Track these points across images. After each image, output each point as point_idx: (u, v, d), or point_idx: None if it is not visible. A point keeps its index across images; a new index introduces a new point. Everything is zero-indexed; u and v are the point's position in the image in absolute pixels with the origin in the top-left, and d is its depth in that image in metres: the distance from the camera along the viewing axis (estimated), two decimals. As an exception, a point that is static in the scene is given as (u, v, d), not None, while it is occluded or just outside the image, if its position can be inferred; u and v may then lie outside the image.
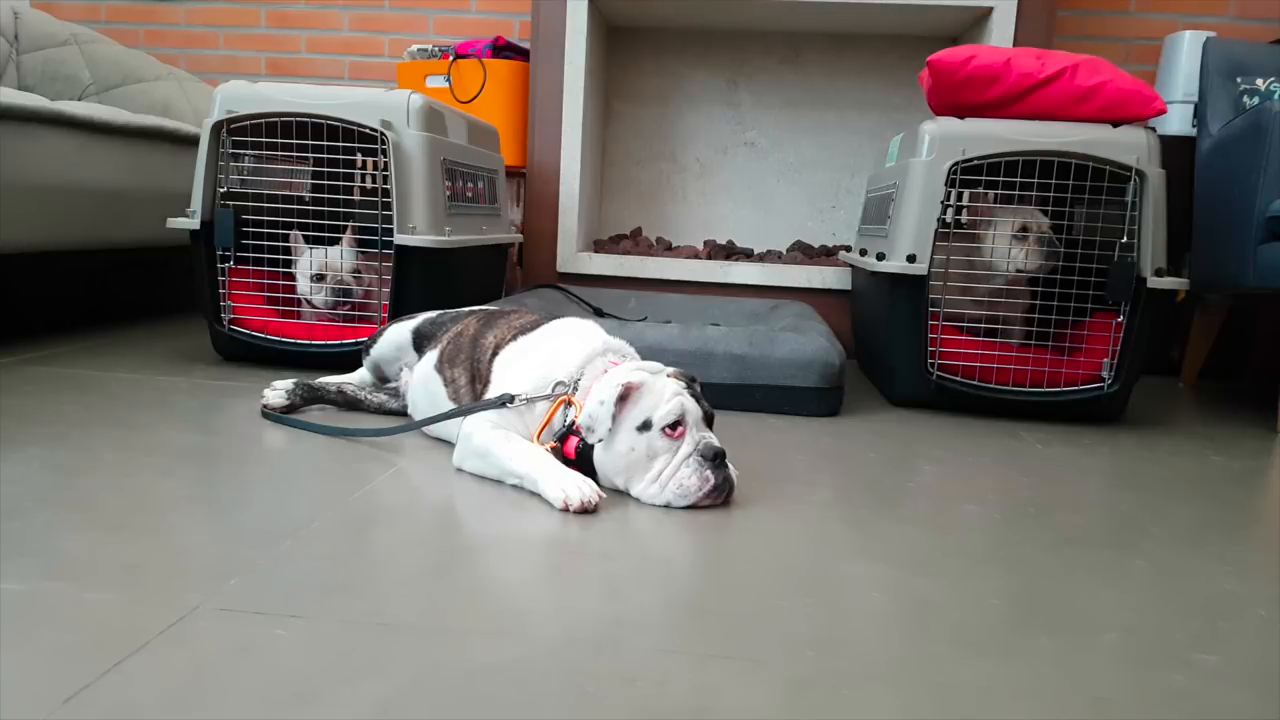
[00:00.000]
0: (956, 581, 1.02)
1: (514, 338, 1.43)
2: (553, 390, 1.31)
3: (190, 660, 0.74)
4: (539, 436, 1.31)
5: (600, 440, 1.25)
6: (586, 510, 1.17)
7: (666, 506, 1.22)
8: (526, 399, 1.31)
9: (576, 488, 1.18)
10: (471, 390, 1.44)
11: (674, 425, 1.23)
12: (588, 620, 0.87)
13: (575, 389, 1.30)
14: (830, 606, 0.93)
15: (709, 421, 1.28)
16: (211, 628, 0.80)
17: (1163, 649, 0.88)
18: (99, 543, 0.98)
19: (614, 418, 1.22)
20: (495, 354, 1.42)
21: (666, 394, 1.24)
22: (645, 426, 1.22)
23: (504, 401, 1.30)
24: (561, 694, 0.73)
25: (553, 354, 1.35)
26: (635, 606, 0.91)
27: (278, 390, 1.62)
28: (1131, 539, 1.21)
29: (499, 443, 1.29)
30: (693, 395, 1.27)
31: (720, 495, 1.23)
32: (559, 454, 1.28)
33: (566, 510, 1.17)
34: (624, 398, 1.23)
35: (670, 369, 1.32)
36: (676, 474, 1.22)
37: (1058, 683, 0.80)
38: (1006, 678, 0.80)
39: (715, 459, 1.22)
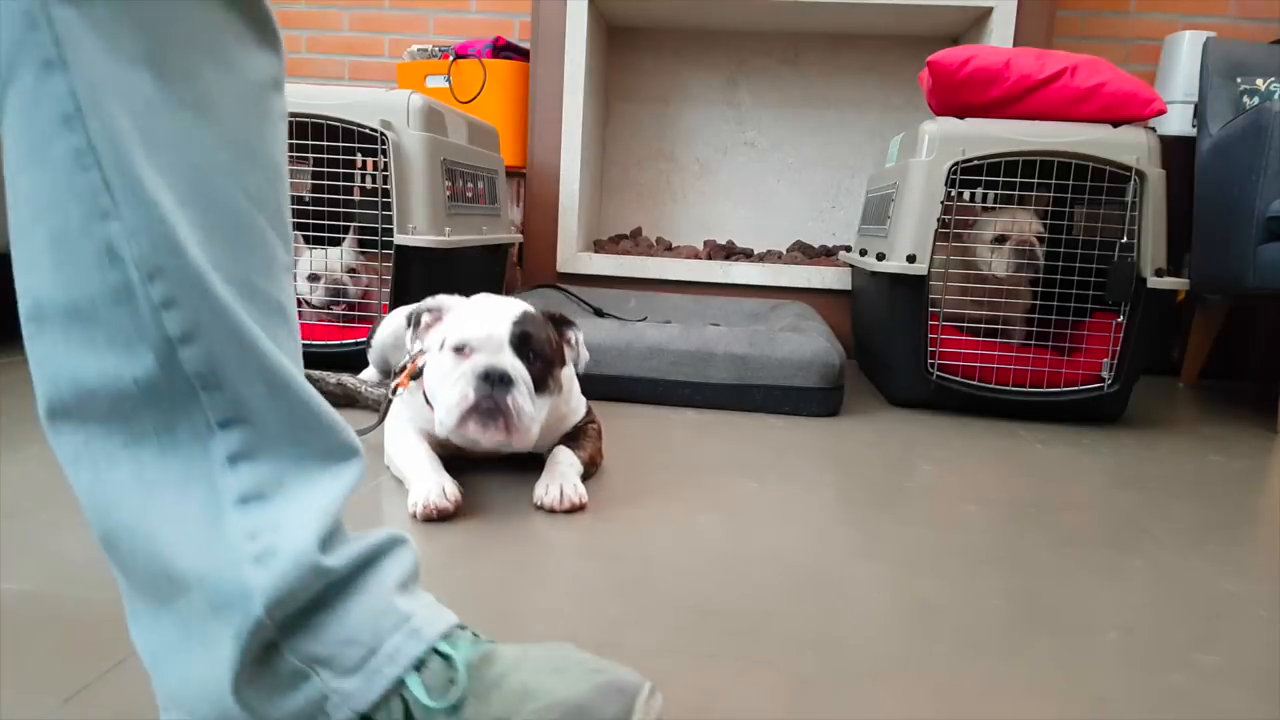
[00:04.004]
0: (957, 581, 1.02)
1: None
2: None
3: (190, 660, 0.74)
4: (406, 383, 1.27)
5: (418, 362, 1.24)
6: (430, 518, 1.11)
7: (447, 440, 1.18)
8: (396, 378, 1.28)
9: (426, 493, 1.13)
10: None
11: (461, 347, 1.15)
12: (588, 620, 0.87)
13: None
14: (830, 606, 0.93)
15: (529, 351, 1.16)
16: (212, 628, 0.80)
17: (1163, 649, 0.88)
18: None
19: (413, 336, 1.24)
20: None
21: (470, 315, 1.18)
22: (442, 347, 1.19)
23: (401, 369, 1.28)
24: (562, 694, 0.73)
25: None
26: (635, 606, 0.91)
27: None
28: (1131, 539, 1.21)
29: (396, 445, 1.27)
30: (519, 332, 1.16)
31: (491, 425, 1.12)
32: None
33: (414, 518, 1.12)
34: (434, 314, 1.23)
35: (546, 311, 1.27)
36: (452, 388, 1.14)
37: (1058, 683, 0.80)
38: (1007, 678, 0.80)
39: (488, 379, 1.11)
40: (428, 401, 1.23)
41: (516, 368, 1.14)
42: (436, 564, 0.98)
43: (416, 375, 1.26)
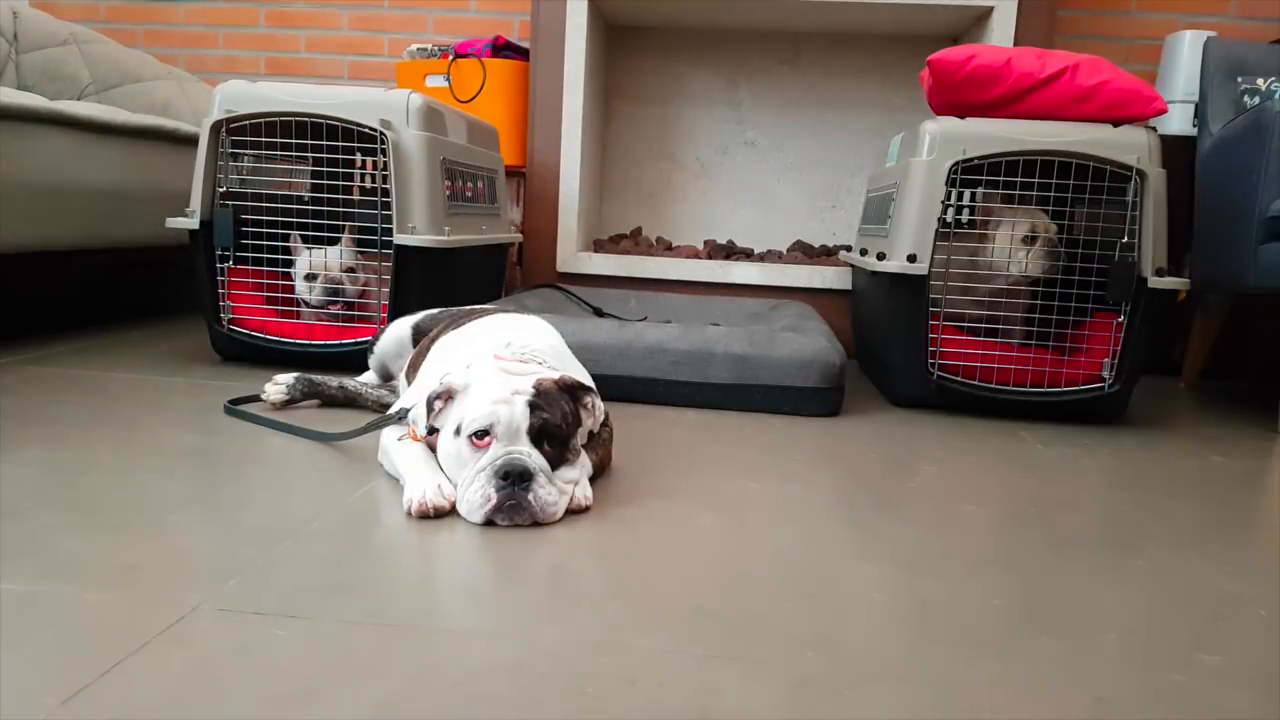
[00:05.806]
0: (956, 581, 1.02)
1: (445, 332, 1.43)
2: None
3: (190, 660, 0.74)
4: (414, 433, 1.27)
5: (429, 436, 1.22)
6: (426, 515, 1.12)
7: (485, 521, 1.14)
8: (408, 410, 1.27)
9: (422, 490, 1.14)
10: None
11: (481, 434, 1.13)
12: (588, 620, 0.87)
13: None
14: (830, 606, 0.93)
15: (546, 438, 1.15)
16: (211, 628, 0.80)
17: (1163, 649, 0.88)
18: (99, 543, 0.98)
19: (432, 415, 1.19)
20: (429, 349, 1.43)
21: (486, 400, 1.15)
22: (458, 431, 1.16)
23: (400, 417, 1.29)
24: (562, 694, 0.73)
25: (453, 350, 1.34)
26: (635, 606, 0.90)
27: (279, 385, 1.63)
28: (1131, 539, 1.21)
29: (391, 441, 1.28)
30: (533, 406, 1.14)
31: (516, 517, 1.11)
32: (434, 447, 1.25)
33: (409, 515, 1.13)
34: (446, 396, 1.19)
35: (555, 375, 1.23)
36: (471, 485, 1.13)
37: (1058, 683, 0.80)
38: (1007, 678, 0.80)
39: (507, 477, 1.11)
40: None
41: (535, 460, 1.13)
42: (432, 563, 0.98)
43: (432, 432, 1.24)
